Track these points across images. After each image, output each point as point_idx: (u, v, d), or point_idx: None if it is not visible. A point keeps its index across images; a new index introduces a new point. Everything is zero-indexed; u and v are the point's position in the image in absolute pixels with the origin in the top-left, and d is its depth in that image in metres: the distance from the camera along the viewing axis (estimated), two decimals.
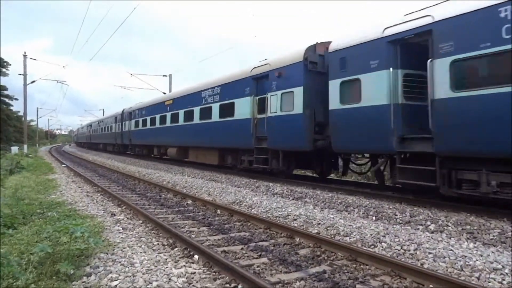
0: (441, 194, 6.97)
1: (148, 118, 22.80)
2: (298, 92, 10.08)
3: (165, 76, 33.28)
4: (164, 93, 28.14)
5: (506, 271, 4.10)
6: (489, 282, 3.90)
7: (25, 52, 31.38)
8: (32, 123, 70.99)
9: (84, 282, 3.80)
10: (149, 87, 60.25)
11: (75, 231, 4.05)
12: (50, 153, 39.23)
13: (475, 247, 5.01)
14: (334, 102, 8.98)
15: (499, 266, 4.22)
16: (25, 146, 32.77)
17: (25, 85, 31.88)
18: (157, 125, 21.00)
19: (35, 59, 32.61)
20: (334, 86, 8.99)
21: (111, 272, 4.04)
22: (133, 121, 26.29)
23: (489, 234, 5.50)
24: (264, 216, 7.16)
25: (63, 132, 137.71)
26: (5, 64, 38.57)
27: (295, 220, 6.84)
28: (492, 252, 4.76)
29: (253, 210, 7.88)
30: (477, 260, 4.42)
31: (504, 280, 3.92)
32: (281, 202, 8.37)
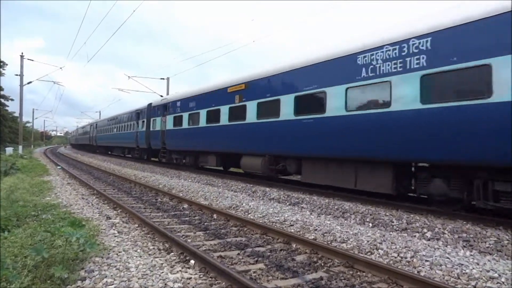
0: None
1: (203, 112, 15.32)
2: None
3: (163, 79, 33.21)
4: (161, 96, 25.65)
5: (503, 279, 4.11)
6: None
7: (22, 53, 31.28)
8: (28, 124, 70.66)
9: (79, 286, 3.75)
10: (146, 90, 60.25)
11: (71, 235, 3.99)
12: (45, 154, 38.95)
13: (471, 255, 5.02)
14: None
15: (496, 275, 4.23)
16: (20, 147, 32.49)
17: (21, 85, 31.70)
18: (222, 122, 13.80)
19: (32, 60, 32.48)
20: None
21: (106, 277, 4.00)
22: (169, 117, 18.89)
23: (485, 242, 5.52)
24: (260, 221, 7.13)
25: (58, 134, 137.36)
26: (1, 64, 38.46)
27: (291, 225, 6.82)
28: (489, 261, 4.77)
29: (249, 215, 7.85)
30: (473, 269, 4.43)
31: None
32: (278, 208, 8.35)
